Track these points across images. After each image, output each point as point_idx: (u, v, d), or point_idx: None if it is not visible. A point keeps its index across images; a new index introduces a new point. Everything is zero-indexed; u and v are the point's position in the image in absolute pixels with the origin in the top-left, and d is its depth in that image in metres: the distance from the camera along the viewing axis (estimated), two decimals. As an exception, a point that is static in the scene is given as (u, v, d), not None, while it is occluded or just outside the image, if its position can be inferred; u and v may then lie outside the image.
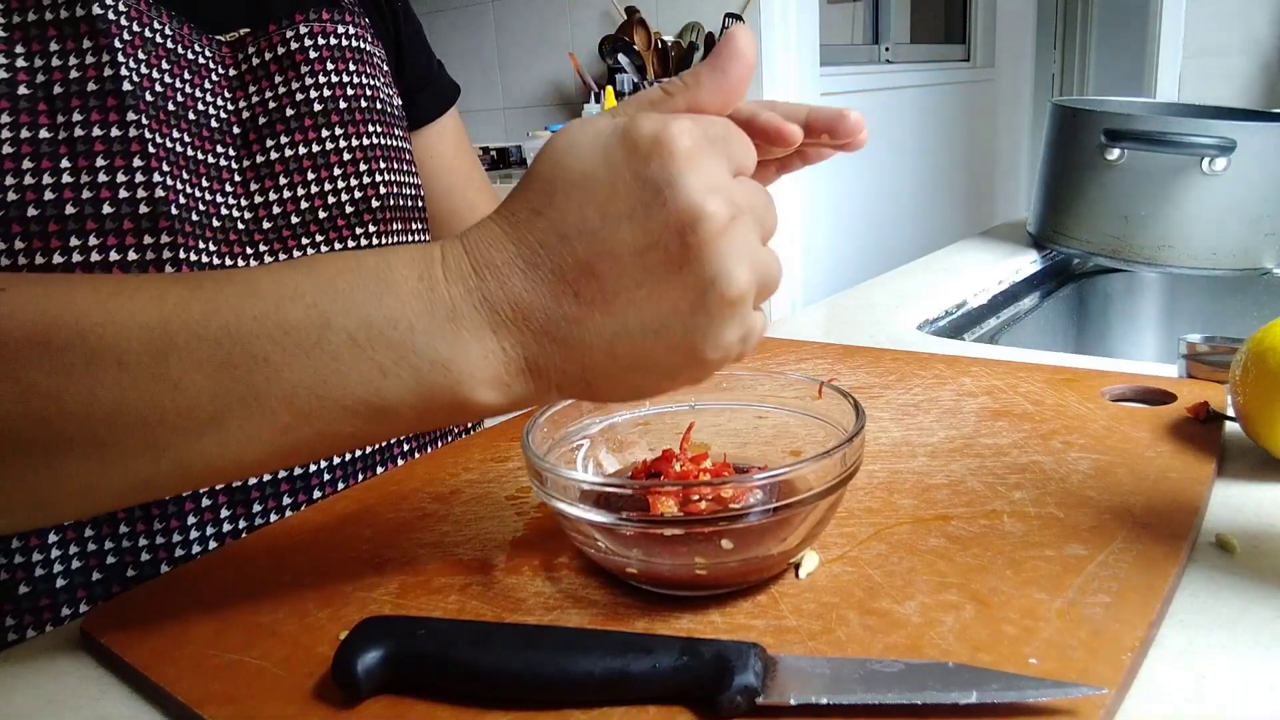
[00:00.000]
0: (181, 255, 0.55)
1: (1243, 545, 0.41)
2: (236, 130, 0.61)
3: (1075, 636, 0.33)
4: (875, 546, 0.41)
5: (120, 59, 0.55)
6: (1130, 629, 0.34)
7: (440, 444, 0.70)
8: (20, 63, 0.53)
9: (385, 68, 0.70)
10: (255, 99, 0.62)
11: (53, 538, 0.55)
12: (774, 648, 0.34)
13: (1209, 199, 0.96)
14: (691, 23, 2.31)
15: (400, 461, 0.66)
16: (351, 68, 0.65)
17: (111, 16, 0.55)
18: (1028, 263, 1.13)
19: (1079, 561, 0.38)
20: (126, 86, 0.55)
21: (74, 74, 0.54)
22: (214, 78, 0.61)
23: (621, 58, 2.28)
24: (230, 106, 0.61)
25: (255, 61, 0.62)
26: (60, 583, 0.55)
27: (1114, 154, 0.99)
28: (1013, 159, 3.80)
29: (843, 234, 2.72)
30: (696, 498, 0.38)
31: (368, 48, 0.67)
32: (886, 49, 3.13)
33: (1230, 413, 0.52)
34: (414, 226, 0.70)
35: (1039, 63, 3.92)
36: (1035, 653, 0.33)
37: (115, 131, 0.54)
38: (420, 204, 0.72)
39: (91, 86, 0.54)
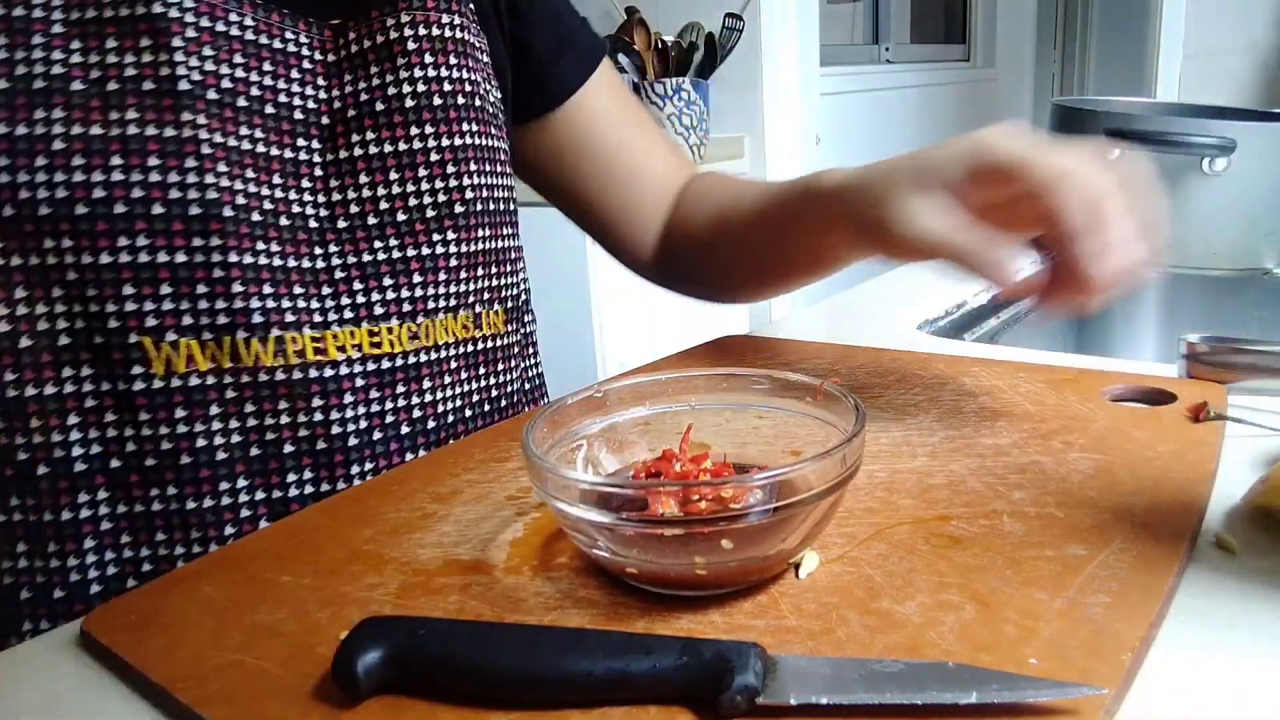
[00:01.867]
0: (233, 259, 0.54)
1: (1243, 545, 0.41)
2: (325, 121, 0.59)
3: (1075, 636, 0.33)
4: (875, 546, 0.41)
5: (179, 58, 0.54)
6: (1130, 629, 0.34)
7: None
8: (75, 59, 0.52)
9: (485, 59, 0.67)
10: (349, 89, 0.60)
11: (89, 543, 0.54)
12: (774, 648, 0.34)
13: (1209, 199, 0.96)
14: (691, 23, 2.31)
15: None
16: (452, 61, 0.62)
17: (175, 14, 0.54)
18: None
19: (1079, 561, 0.38)
20: (184, 86, 0.54)
21: (129, 71, 0.53)
22: (305, 65, 0.59)
23: (621, 58, 2.28)
24: (323, 95, 0.59)
25: (354, 49, 0.60)
26: (95, 589, 0.55)
27: (1114, 154, 0.99)
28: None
29: (843, 234, 2.72)
30: (696, 498, 0.38)
31: (471, 39, 0.64)
32: (886, 49, 3.13)
33: (1230, 413, 0.52)
34: (503, 232, 0.68)
35: (1039, 63, 3.92)
36: (1035, 653, 0.33)
37: (169, 131, 0.53)
38: (511, 207, 0.69)
39: (148, 85, 0.53)
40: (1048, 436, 0.52)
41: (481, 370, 0.67)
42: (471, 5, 0.66)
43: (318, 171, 0.59)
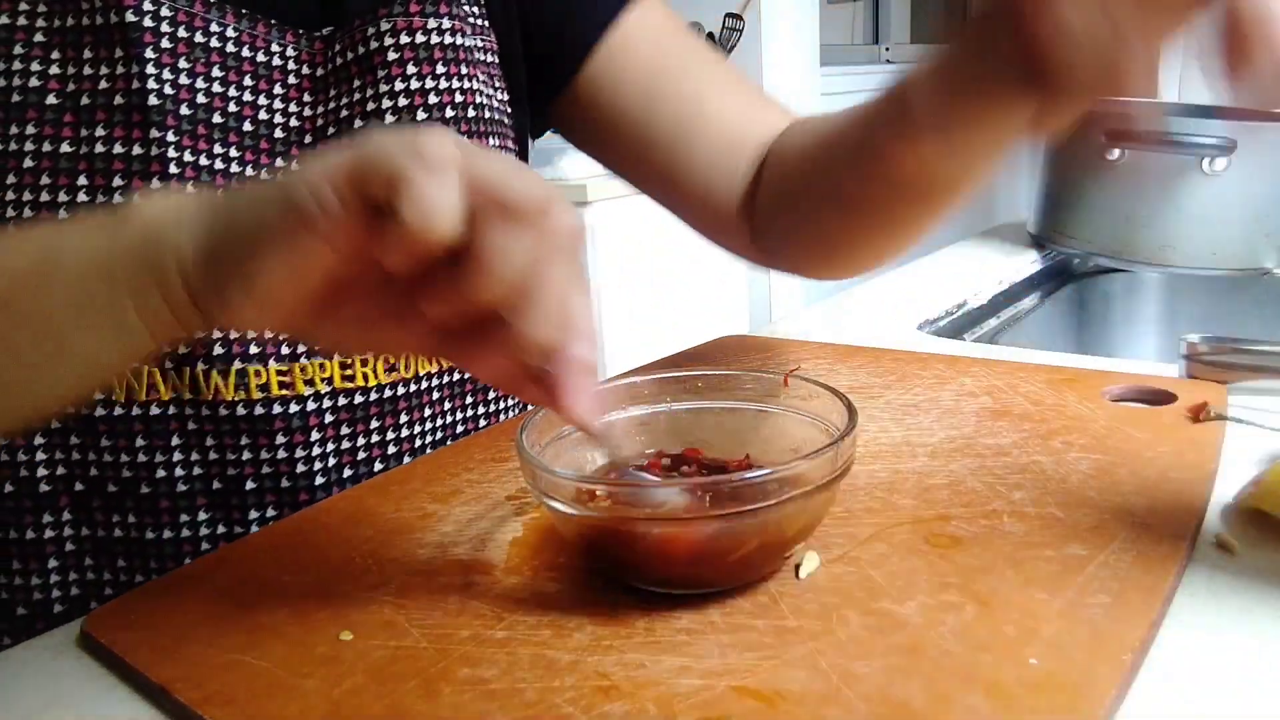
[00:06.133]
0: None
1: (1243, 545, 0.41)
2: (309, 140, 0.56)
3: (1075, 636, 0.33)
4: (875, 546, 0.41)
5: (150, 71, 0.52)
6: (1130, 629, 0.34)
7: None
8: (53, 70, 0.51)
9: (487, 58, 0.61)
10: (331, 104, 0.57)
11: (53, 563, 0.54)
12: (774, 647, 0.34)
13: (1209, 199, 0.96)
14: (691, 23, 2.31)
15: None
16: (439, 70, 0.58)
17: (149, 23, 0.52)
18: (1028, 263, 1.12)
19: (1079, 561, 0.38)
20: (153, 101, 0.52)
21: (103, 85, 0.52)
22: (290, 80, 0.56)
23: (621, 58, 2.28)
24: (307, 112, 0.57)
25: (339, 61, 0.57)
26: (58, 609, 0.54)
27: (1114, 154, 0.99)
28: (1012, 159, 3.79)
29: (843, 234, 2.72)
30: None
31: (465, 42, 0.59)
32: (886, 49, 3.13)
33: (1230, 413, 0.52)
34: None
35: (1039, 63, 3.91)
36: (1035, 653, 0.33)
37: (137, 150, 0.52)
38: None
39: (119, 100, 0.52)
40: (1048, 436, 0.52)
41: (469, 399, 0.63)
42: (478, 7, 0.62)
43: None
